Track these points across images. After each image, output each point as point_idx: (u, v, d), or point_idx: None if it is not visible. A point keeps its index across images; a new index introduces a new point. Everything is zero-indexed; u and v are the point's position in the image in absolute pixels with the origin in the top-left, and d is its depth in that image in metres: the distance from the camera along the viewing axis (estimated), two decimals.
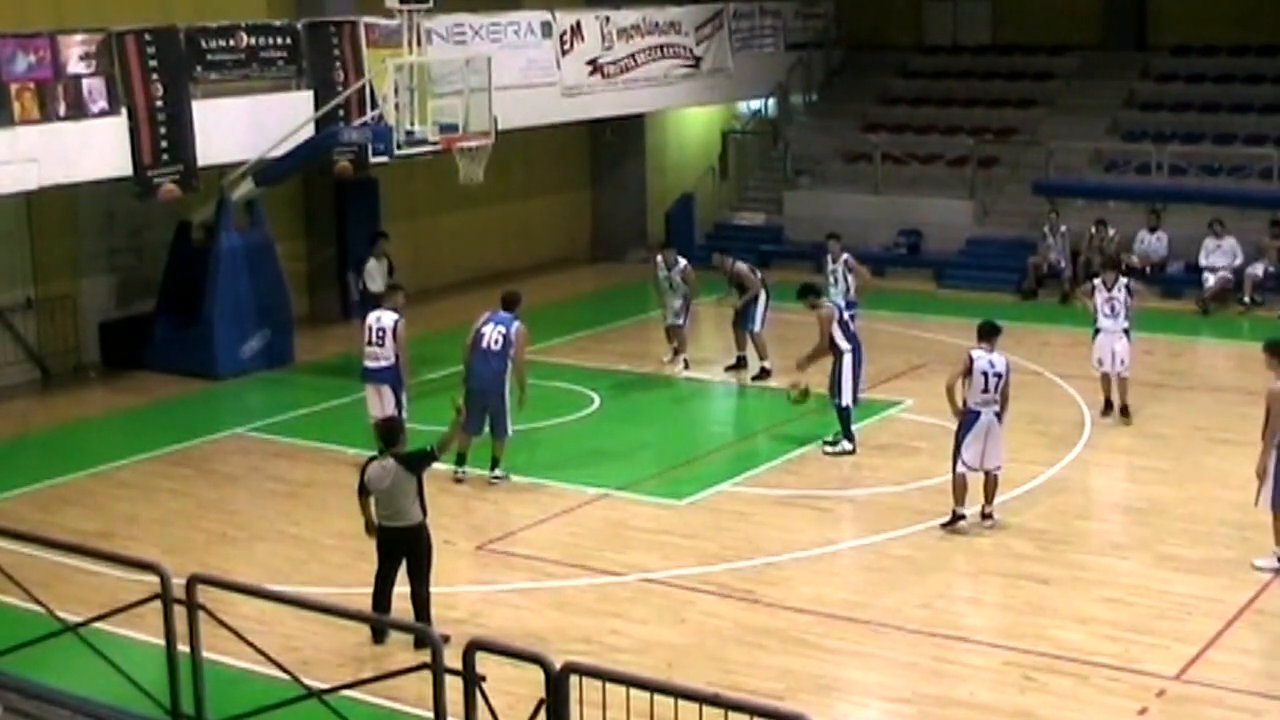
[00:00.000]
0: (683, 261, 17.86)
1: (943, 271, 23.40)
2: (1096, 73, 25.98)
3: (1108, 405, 15.57)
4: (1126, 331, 15.49)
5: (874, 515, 12.88)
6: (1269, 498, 11.35)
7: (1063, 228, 22.25)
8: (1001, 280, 22.42)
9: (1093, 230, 22.13)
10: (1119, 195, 23.40)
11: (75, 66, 15.82)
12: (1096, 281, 15.84)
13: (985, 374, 12.24)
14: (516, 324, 13.78)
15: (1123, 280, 15.57)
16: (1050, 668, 9.86)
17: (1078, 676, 9.75)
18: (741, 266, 17.74)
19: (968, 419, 12.31)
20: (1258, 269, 21.11)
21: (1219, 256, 21.33)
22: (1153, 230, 22.26)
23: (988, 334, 12.53)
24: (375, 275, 18.55)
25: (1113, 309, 15.41)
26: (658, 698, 6.28)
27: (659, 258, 18.08)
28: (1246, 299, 20.93)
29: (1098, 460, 14.36)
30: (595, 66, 22.64)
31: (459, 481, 13.59)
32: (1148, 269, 22.04)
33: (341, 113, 18.26)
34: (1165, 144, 23.48)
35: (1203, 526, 12.40)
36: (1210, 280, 21.18)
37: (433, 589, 10.49)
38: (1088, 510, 13.09)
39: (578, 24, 22.28)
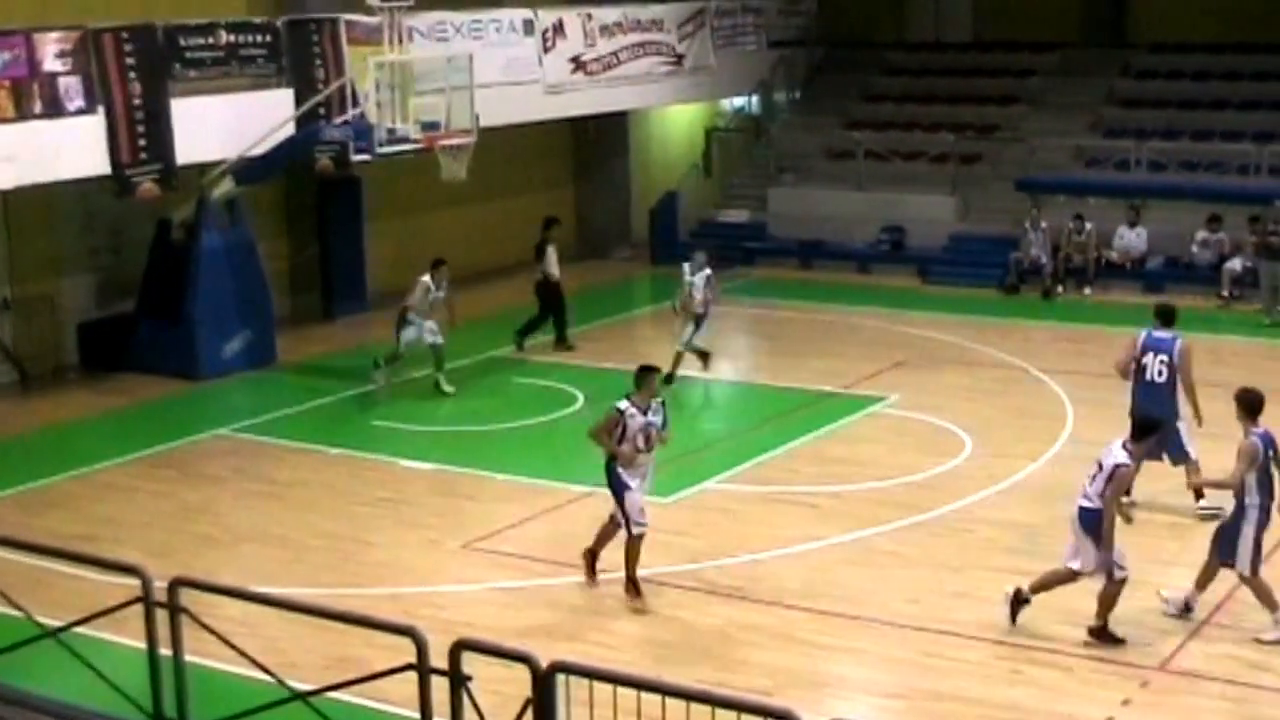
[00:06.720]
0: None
1: (926, 268, 23.43)
2: (1077, 70, 26.04)
3: None
4: None
5: (860, 511, 12.86)
6: None
7: (1044, 224, 22.29)
8: (984, 276, 22.47)
9: (1070, 225, 22.20)
10: (1100, 191, 23.46)
11: (51, 64, 15.69)
12: None
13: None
14: None
15: None
16: (1037, 660, 9.88)
17: (1064, 669, 9.77)
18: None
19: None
20: (1236, 264, 21.17)
21: (1206, 251, 21.52)
22: (1132, 226, 22.33)
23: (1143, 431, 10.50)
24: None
25: None
26: (645, 695, 6.24)
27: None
28: (1225, 293, 21.00)
29: (1081, 454, 14.25)
30: (578, 64, 22.58)
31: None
32: (1128, 264, 22.14)
33: (323, 111, 18.18)
34: (1145, 140, 23.55)
35: (1184, 519, 12.41)
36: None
37: (419, 588, 10.46)
38: (1072, 504, 13.05)
39: (560, 21, 22.23)
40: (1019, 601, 10.37)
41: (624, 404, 10.93)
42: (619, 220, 26.05)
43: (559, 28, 22.19)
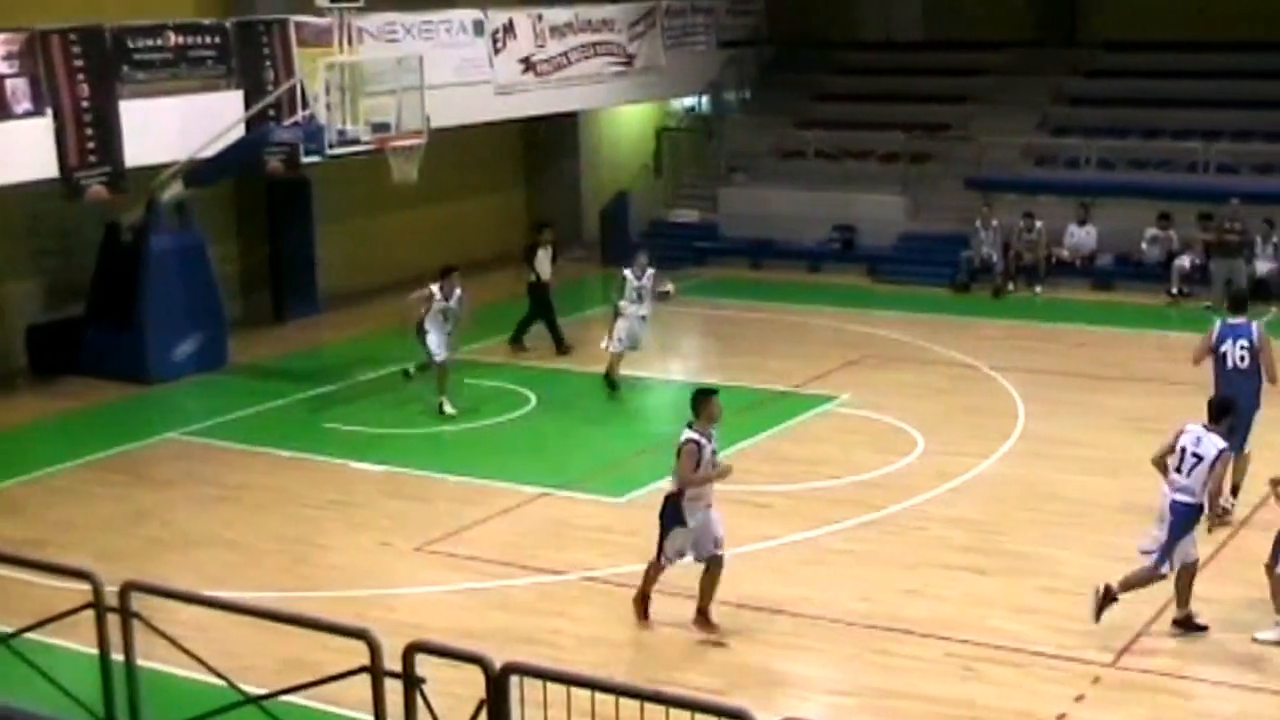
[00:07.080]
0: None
1: (877, 266, 23.58)
2: (1027, 68, 26.24)
3: None
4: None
5: (813, 510, 12.93)
6: None
7: (994, 222, 22.48)
8: (935, 275, 22.62)
9: (1020, 224, 22.41)
10: (1050, 190, 23.68)
11: None
12: None
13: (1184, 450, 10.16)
14: None
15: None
16: (990, 658, 9.96)
17: (1016, 665, 9.86)
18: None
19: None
20: (1185, 260, 21.44)
21: (1155, 249, 21.78)
22: (1082, 224, 22.57)
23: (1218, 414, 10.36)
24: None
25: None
26: (599, 696, 6.26)
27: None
28: (1174, 290, 21.26)
29: (1032, 451, 14.51)
30: (528, 65, 22.57)
31: None
32: (1078, 262, 22.38)
33: (272, 112, 18.08)
34: (1094, 139, 23.80)
35: (1135, 515, 12.49)
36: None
37: (372, 590, 10.42)
38: (1023, 501, 13.21)
39: (510, 22, 22.22)
40: (1108, 599, 10.12)
41: (695, 435, 10.24)
42: (570, 221, 25.96)
43: (509, 28, 22.18)
